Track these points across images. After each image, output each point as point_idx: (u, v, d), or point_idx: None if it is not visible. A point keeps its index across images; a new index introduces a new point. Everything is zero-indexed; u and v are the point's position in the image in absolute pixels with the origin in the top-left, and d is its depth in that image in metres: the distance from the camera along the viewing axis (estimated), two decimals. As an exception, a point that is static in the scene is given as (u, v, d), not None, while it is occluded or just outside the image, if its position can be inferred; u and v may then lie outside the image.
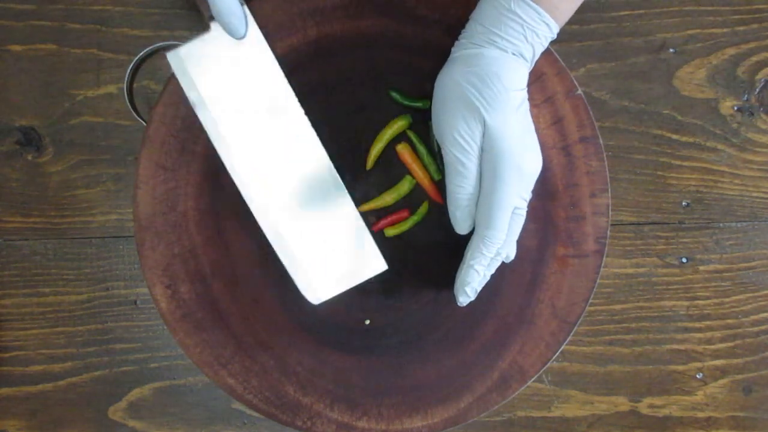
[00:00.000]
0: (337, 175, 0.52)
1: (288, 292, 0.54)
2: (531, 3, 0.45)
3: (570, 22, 0.47)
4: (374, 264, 0.53)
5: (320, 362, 0.54)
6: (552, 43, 0.48)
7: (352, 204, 0.52)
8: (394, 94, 0.52)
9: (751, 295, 0.62)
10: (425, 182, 0.52)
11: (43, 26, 0.59)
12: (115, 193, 0.60)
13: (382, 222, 0.53)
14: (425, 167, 0.52)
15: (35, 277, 0.61)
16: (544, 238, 0.53)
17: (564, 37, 0.60)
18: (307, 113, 0.52)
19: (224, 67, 0.50)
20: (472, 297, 0.50)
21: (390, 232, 0.53)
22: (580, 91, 0.52)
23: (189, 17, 0.60)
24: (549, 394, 0.62)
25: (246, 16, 0.50)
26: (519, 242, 0.50)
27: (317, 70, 0.53)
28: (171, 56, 0.50)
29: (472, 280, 0.49)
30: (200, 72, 0.50)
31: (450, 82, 0.47)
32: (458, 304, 0.50)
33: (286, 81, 0.51)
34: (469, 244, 0.49)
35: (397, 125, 0.52)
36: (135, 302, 0.61)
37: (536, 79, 0.52)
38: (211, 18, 0.49)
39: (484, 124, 0.46)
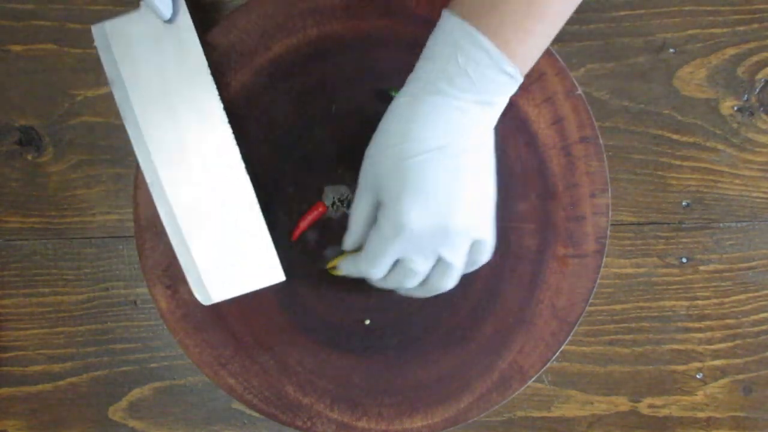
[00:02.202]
0: (247, 177, 0.51)
1: (288, 292, 0.54)
2: (479, 37, 0.40)
3: (570, 22, 0.47)
4: (272, 273, 0.52)
5: (320, 362, 0.54)
6: (552, 43, 0.47)
7: (258, 210, 0.51)
8: (394, 94, 0.52)
9: (751, 295, 0.62)
10: None
11: (43, 26, 0.59)
12: (115, 193, 0.60)
13: (300, 226, 0.53)
14: None
15: (35, 277, 0.61)
16: (544, 238, 0.53)
17: (564, 37, 0.60)
18: (307, 112, 0.52)
19: (148, 49, 0.49)
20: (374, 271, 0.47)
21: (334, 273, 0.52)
22: (580, 91, 0.52)
23: (189, 17, 0.60)
24: (549, 394, 0.62)
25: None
26: (519, 242, 0.50)
27: (317, 70, 0.53)
28: (96, 29, 0.49)
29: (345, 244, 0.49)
30: (123, 50, 0.49)
31: (386, 115, 0.45)
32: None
33: (209, 73, 0.50)
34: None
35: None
36: (135, 302, 0.61)
37: (536, 79, 0.52)
38: None
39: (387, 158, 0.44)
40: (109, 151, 0.60)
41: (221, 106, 0.51)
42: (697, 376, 0.62)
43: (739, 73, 0.61)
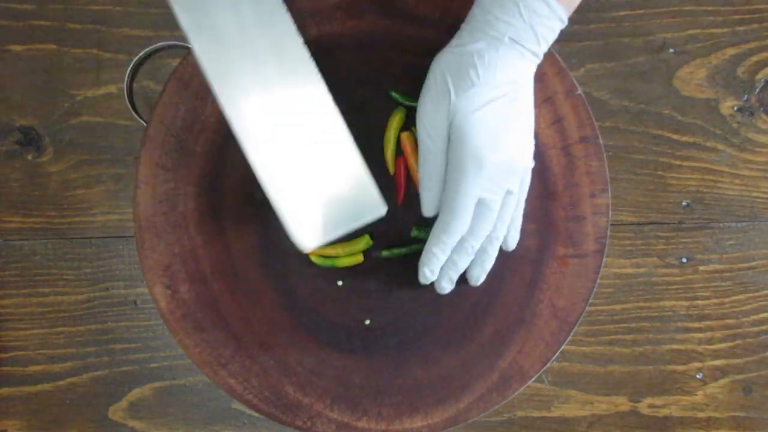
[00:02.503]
0: (339, 116, 0.49)
1: (288, 292, 0.54)
2: None
3: (570, 22, 0.47)
4: (374, 207, 0.49)
5: (320, 362, 0.54)
6: (552, 43, 0.48)
7: (353, 144, 0.50)
8: (394, 94, 0.52)
9: (751, 295, 0.62)
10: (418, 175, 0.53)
11: (43, 26, 0.59)
12: (115, 193, 0.60)
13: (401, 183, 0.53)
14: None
15: (35, 277, 0.61)
16: (544, 238, 0.53)
17: (564, 37, 0.60)
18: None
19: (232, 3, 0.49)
20: (433, 278, 0.50)
21: (388, 254, 0.53)
22: (580, 91, 0.52)
23: (189, 17, 0.60)
24: (549, 394, 0.62)
25: None
26: (519, 242, 0.50)
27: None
28: None
29: (428, 261, 0.49)
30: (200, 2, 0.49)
31: (435, 69, 0.48)
32: (420, 281, 0.50)
33: (290, 18, 0.49)
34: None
35: (397, 119, 0.52)
36: (135, 302, 0.61)
37: (536, 79, 0.52)
38: None
39: (449, 113, 0.47)
40: (109, 151, 0.60)
41: (305, 48, 0.49)
42: (697, 376, 0.62)
43: (739, 73, 0.61)
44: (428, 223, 0.50)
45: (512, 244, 0.51)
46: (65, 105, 0.60)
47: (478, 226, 0.48)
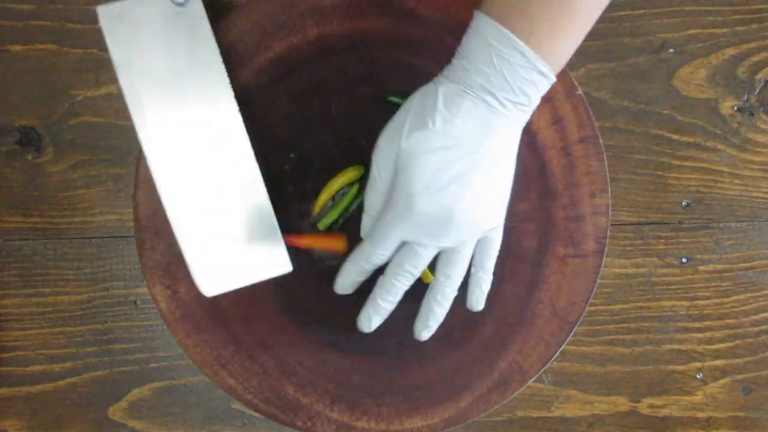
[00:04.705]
0: (257, 167, 0.50)
1: (288, 292, 0.54)
2: (513, 39, 0.41)
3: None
4: (279, 263, 0.51)
5: (320, 362, 0.54)
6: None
7: (266, 197, 0.50)
8: (393, 99, 0.52)
9: (751, 295, 0.62)
10: None
11: (43, 26, 0.59)
12: (115, 193, 0.60)
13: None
14: None
15: (35, 277, 0.61)
16: (544, 238, 0.53)
17: (564, 37, 0.60)
18: (307, 112, 0.52)
19: (157, 33, 0.48)
20: (341, 290, 0.50)
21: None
22: (580, 91, 0.52)
23: (189, 17, 0.60)
24: (549, 394, 0.62)
25: None
26: (519, 242, 0.50)
27: (317, 70, 0.53)
28: (102, 10, 0.48)
29: (341, 273, 0.49)
30: (130, 32, 0.48)
31: (405, 103, 0.46)
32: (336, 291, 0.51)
33: (220, 60, 0.50)
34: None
35: (348, 175, 0.53)
36: (135, 302, 0.61)
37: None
38: None
39: (398, 151, 0.45)
40: (109, 151, 0.60)
41: (232, 93, 0.50)
42: (697, 376, 0.62)
43: (739, 73, 0.61)
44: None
45: (475, 305, 0.49)
46: (65, 105, 0.60)
47: (404, 261, 0.47)
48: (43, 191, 0.60)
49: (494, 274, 0.50)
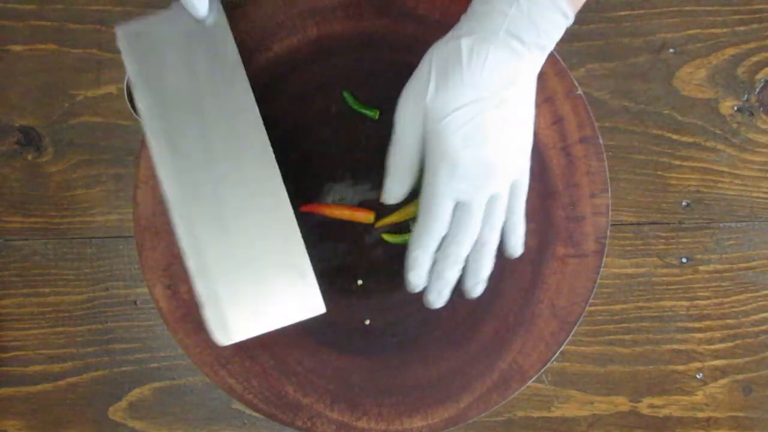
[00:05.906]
0: (286, 197, 0.45)
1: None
2: None
3: (570, 22, 0.47)
4: (311, 304, 0.46)
5: (320, 362, 0.54)
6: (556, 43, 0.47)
7: (297, 230, 0.46)
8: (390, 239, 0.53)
9: (751, 295, 0.62)
10: None
11: (43, 26, 0.59)
12: (115, 193, 0.60)
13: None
14: None
15: (35, 277, 0.61)
16: (544, 238, 0.53)
17: (564, 37, 0.60)
18: (307, 112, 0.51)
19: (179, 51, 0.45)
20: (420, 283, 0.48)
21: (390, 239, 0.53)
22: (580, 91, 0.52)
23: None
24: (549, 394, 0.62)
25: None
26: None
27: (317, 70, 0.53)
28: (121, 31, 0.45)
29: (412, 265, 0.47)
30: (149, 51, 0.44)
31: (424, 60, 0.46)
32: (408, 290, 0.49)
33: (245, 77, 0.46)
34: None
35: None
36: (135, 302, 0.61)
37: (536, 79, 0.52)
38: None
39: (425, 111, 0.44)
40: (109, 151, 0.60)
41: (259, 115, 0.45)
42: (697, 376, 0.62)
43: (739, 73, 0.61)
44: None
45: (515, 251, 0.49)
46: (65, 105, 0.60)
47: (459, 232, 0.46)
48: (43, 191, 0.60)
49: (494, 274, 0.50)
